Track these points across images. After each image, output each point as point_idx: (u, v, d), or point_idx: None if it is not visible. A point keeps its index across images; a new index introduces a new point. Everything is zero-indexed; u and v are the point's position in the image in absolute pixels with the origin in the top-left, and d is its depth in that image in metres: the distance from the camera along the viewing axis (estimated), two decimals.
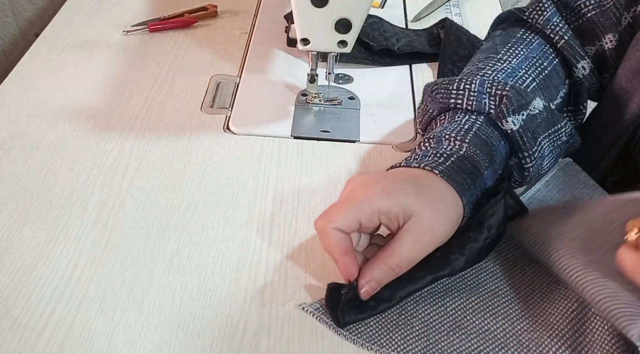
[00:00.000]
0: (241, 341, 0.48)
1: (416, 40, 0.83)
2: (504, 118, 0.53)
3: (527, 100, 0.54)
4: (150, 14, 0.87)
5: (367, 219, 0.46)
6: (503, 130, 0.53)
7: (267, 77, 0.77)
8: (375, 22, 0.83)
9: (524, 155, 0.53)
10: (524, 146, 0.53)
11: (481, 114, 0.55)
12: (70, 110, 0.70)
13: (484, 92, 0.55)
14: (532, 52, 0.60)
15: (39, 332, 0.48)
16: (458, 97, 0.56)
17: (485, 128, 0.54)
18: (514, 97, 0.54)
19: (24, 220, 0.57)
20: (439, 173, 0.49)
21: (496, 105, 0.54)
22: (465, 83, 0.56)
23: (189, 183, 0.61)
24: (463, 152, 0.52)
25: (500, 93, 0.54)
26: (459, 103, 0.56)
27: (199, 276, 0.52)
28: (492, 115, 0.54)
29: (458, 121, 0.55)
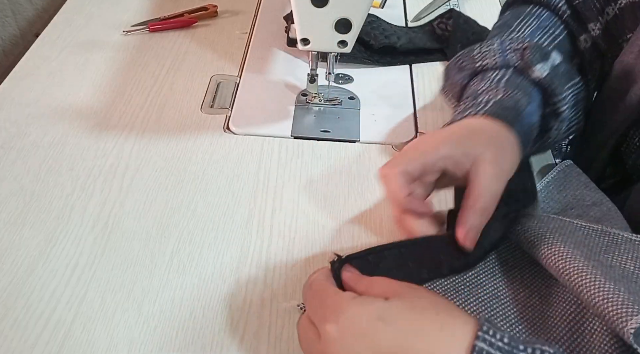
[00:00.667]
0: (241, 341, 0.48)
1: (416, 37, 0.83)
2: (532, 67, 0.54)
3: (547, 51, 0.56)
4: (150, 14, 0.87)
5: (431, 164, 0.47)
6: (532, 78, 0.55)
7: (267, 77, 0.77)
8: (374, 21, 0.83)
9: (558, 99, 0.54)
10: (556, 90, 0.54)
11: (509, 68, 0.56)
12: (70, 110, 0.70)
13: (505, 49, 0.57)
14: (543, 22, 0.61)
15: (39, 332, 0.48)
16: (483, 59, 0.57)
17: (515, 78, 0.55)
18: (535, 47, 0.55)
19: (24, 220, 0.57)
20: (484, 114, 0.51)
21: (521, 58, 0.55)
22: (485, 45, 0.58)
23: (189, 183, 0.61)
24: (500, 96, 0.53)
25: (521, 47, 0.56)
26: (485, 64, 0.57)
27: (199, 276, 0.52)
28: (519, 66, 0.55)
29: (488, 77, 0.56)
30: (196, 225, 0.57)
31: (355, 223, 0.58)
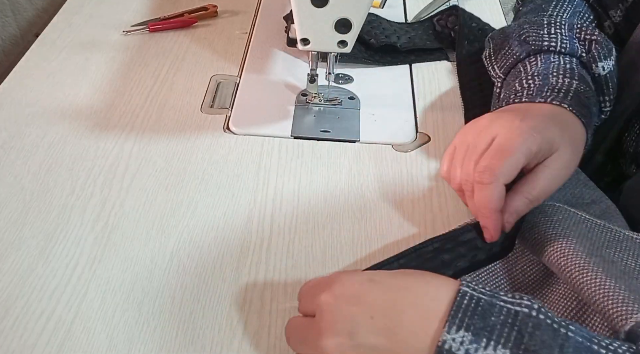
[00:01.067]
0: (241, 341, 0.48)
1: (416, 36, 0.83)
2: (594, 63, 0.55)
3: (611, 47, 0.56)
4: (150, 14, 0.87)
5: (526, 163, 0.47)
6: (592, 73, 0.55)
7: (267, 77, 0.77)
8: (374, 20, 0.83)
9: (606, 98, 0.55)
10: (608, 90, 0.55)
11: (574, 56, 0.56)
12: (70, 110, 0.70)
13: (574, 36, 0.57)
14: (577, 7, 0.62)
15: (39, 332, 0.48)
16: (551, 40, 0.57)
17: (582, 70, 0.55)
18: (604, 42, 0.56)
19: (24, 220, 0.57)
20: (569, 107, 0.50)
21: (587, 50, 0.56)
22: (556, 27, 0.57)
23: (189, 183, 0.61)
24: (574, 87, 0.53)
25: (589, 39, 0.56)
26: (552, 46, 0.57)
27: (199, 276, 0.52)
28: (584, 59, 0.56)
29: (555, 61, 0.56)
30: (196, 225, 0.57)
31: (355, 223, 0.58)
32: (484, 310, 0.36)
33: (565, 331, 0.35)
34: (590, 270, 0.44)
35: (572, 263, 0.45)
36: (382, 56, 0.80)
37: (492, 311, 0.36)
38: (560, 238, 0.47)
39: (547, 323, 0.35)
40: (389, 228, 0.57)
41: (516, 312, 0.36)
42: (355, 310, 0.38)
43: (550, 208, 0.51)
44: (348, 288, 0.40)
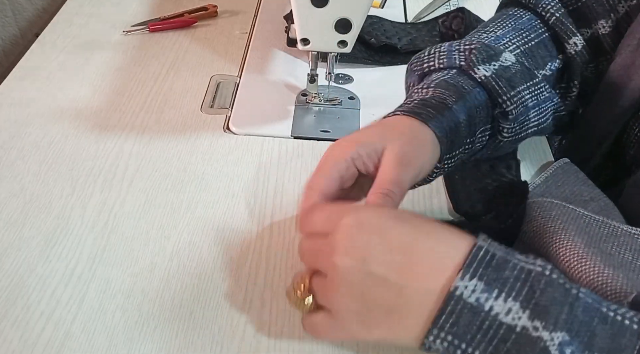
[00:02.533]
0: (241, 341, 0.48)
1: (418, 37, 0.83)
2: (475, 67, 0.54)
3: (497, 52, 0.55)
4: (150, 14, 0.87)
5: (345, 170, 0.47)
6: (476, 78, 0.54)
7: (267, 77, 0.77)
8: (376, 22, 0.84)
9: (503, 99, 0.53)
10: (501, 90, 0.53)
11: (452, 68, 0.56)
12: (70, 110, 0.70)
13: (452, 50, 0.57)
14: (520, 25, 0.61)
15: (39, 332, 0.48)
16: (430, 60, 0.57)
17: (456, 77, 0.55)
18: (482, 48, 0.55)
19: (24, 220, 0.57)
20: (400, 113, 0.51)
21: (465, 57, 0.55)
22: (436, 48, 0.58)
23: (189, 183, 0.61)
24: (429, 95, 0.53)
25: (468, 48, 0.56)
26: (431, 66, 0.57)
27: (198, 276, 0.52)
28: (463, 67, 0.55)
29: (430, 79, 0.56)
30: (196, 225, 0.57)
31: None
32: (498, 264, 0.37)
33: (576, 292, 0.36)
34: (589, 259, 0.44)
35: (571, 253, 0.46)
36: (382, 56, 0.80)
37: (506, 266, 0.37)
38: (558, 230, 0.48)
39: (559, 283, 0.36)
40: None
41: (529, 270, 0.36)
42: (376, 239, 0.39)
43: (548, 204, 0.51)
44: (374, 217, 0.40)
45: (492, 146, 0.57)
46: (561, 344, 0.34)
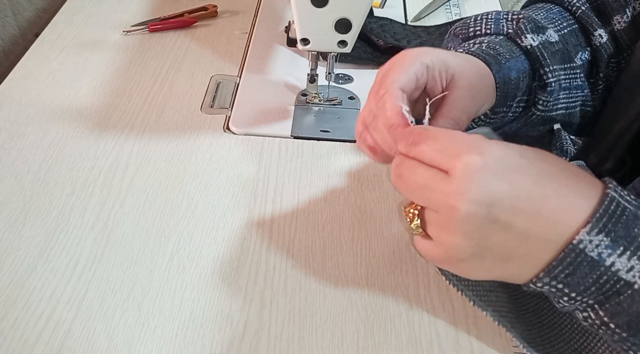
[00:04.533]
0: (241, 341, 0.48)
1: (428, 41, 0.83)
2: (522, 35, 0.54)
3: (543, 26, 0.56)
4: (150, 14, 0.87)
5: (420, 73, 0.46)
6: (522, 46, 0.54)
7: (267, 77, 0.77)
8: (386, 24, 0.84)
9: (545, 71, 0.54)
10: (544, 61, 0.54)
11: (500, 35, 0.56)
12: (70, 110, 0.70)
13: (500, 18, 0.57)
14: (552, 15, 0.62)
15: (39, 332, 0.48)
16: (476, 26, 0.57)
17: (504, 43, 0.55)
18: (531, 19, 0.56)
19: (24, 220, 0.57)
20: (463, 51, 0.52)
21: (513, 26, 0.55)
22: (482, 15, 0.58)
23: (189, 183, 0.61)
24: (483, 47, 0.53)
25: (516, 17, 0.56)
26: (477, 31, 0.57)
27: (199, 276, 0.52)
28: (511, 34, 0.55)
29: (479, 41, 0.56)
30: (196, 225, 0.57)
31: (355, 223, 0.58)
32: (628, 220, 0.36)
33: None
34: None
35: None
36: (388, 58, 0.80)
37: (636, 222, 0.35)
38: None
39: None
40: (389, 228, 0.57)
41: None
42: (503, 185, 0.36)
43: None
44: (500, 158, 0.37)
45: (523, 119, 0.57)
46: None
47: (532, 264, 0.37)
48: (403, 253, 0.55)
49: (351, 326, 0.49)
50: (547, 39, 0.56)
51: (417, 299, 0.51)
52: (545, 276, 0.36)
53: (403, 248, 0.55)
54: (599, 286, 0.36)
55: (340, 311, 0.50)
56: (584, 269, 0.35)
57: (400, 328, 0.49)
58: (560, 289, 0.37)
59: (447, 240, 0.38)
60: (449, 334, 0.49)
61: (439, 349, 0.48)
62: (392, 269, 0.54)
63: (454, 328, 0.49)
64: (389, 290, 0.52)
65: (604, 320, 0.37)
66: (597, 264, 0.35)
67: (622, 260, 0.35)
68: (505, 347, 0.48)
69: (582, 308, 0.37)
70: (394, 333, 0.49)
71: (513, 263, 0.37)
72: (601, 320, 0.37)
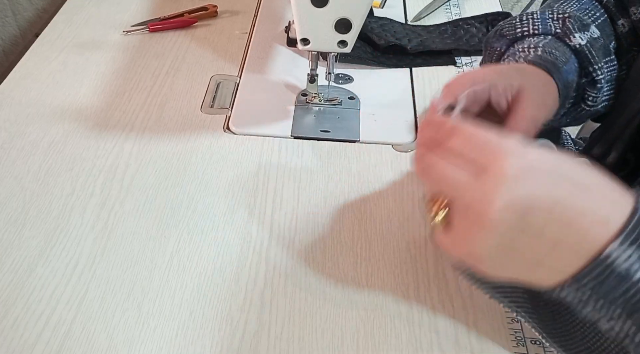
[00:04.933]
0: (241, 341, 0.48)
1: (428, 39, 0.83)
2: (571, 34, 0.56)
3: (587, 23, 0.57)
4: (150, 14, 0.87)
5: (480, 92, 0.47)
6: (571, 46, 0.56)
7: (267, 77, 0.77)
8: (386, 23, 0.84)
9: (594, 68, 0.55)
10: (593, 59, 0.55)
11: (548, 35, 0.57)
12: (70, 110, 0.70)
13: (546, 17, 0.58)
14: (584, 5, 0.62)
15: (39, 332, 0.48)
16: (524, 26, 0.58)
17: (554, 44, 0.56)
18: (576, 17, 0.57)
19: (24, 220, 0.57)
20: (525, 61, 0.53)
21: (561, 25, 0.57)
22: (527, 14, 0.59)
23: (189, 183, 0.61)
24: (539, 53, 0.54)
25: (562, 17, 0.57)
26: (525, 31, 0.58)
27: (199, 276, 0.52)
28: (560, 34, 0.56)
29: (528, 41, 0.57)
30: (196, 225, 0.57)
31: (355, 223, 0.58)
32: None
33: None
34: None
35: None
36: (389, 58, 0.80)
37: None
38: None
39: None
40: (389, 228, 0.57)
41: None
42: (540, 192, 0.35)
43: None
44: (541, 163, 0.36)
45: (572, 115, 0.58)
46: None
47: (559, 272, 0.37)
48: (403, 253, 0.55)
49: (351, 326, 0.49)
50: (592, 35, 0.57)
51: (417, 299, 0.51)
52: (571, 286, 0.36)
53: (403, 248, 0.55)
54: (626, 298, 0.35)
55: (340, 311, 0.50)
56: (612, 281, 0.35)
57: (400, 328, 0.49)
58: (585, 300, 0.36)
59: (476, 237, 0.37)
60: (449, 334, 0.49)
61: (439, 349, 0.48)
62: (392, 269, 0.54)
63: (454, 328, 0.49)
64: (389, 290, 0.52)
65: (629, 334, 0.37)
66: (625, 277, 0.35)
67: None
68: (505, 347, 0.48)
69: (606, 320, 0.37)
70: (394, 333, 0.49)
71: (540, 268, 0.37)
72: (626, 333, 0.37)
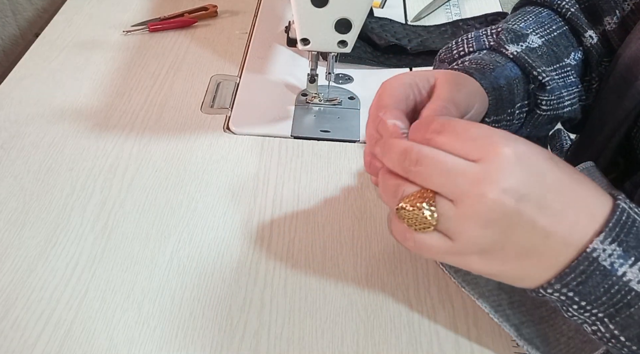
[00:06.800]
0: (241, 341, 0.48)
1: (428, 39, 0.83)
2: (505, 45, 0.55)
3: (523, 34, 0.57)
4: (150, 14, 0.87)
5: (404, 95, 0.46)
6: (507, 54, 0.55)
7: (267, 77, 0.77)
8: (386, 24, 0.84)
9: (538, 71, 0.54)
10: (534, 63, 0.55)
11: (482, 50, 0.57)
12: (70, 110, 0.70)
13: (480, 35, 0.58)
14: (541, 19, 0.62)
15: (39, 332, 0.48)
16: (459, 47, 0.58)
17: (487, 55, 0.56)
18: (509, 30, 0.57)
19: (24, 220, 0.57)
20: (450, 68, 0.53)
21: (494, 39, 0.57)
22: (463, 37, 0.59)
23: (189, 183, 0.61)
24: (466, 64, 0.54)
25: (495, 31, 0.57)
26: (461, 51, 0.58)
27: (199, 276, 0.52)
28: (493, 46, 0.56)
29: (462, 61, 0.57)
30: (196, 225, 0.57)
31: (355, 223, 0.58)
32: (639, 231, 0.36)
33: None
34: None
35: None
36: (389, 58, 0.80)
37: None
38: None
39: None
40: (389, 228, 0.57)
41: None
42: (535, 178, 0.36)
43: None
44: (533, 153, 0.37)
45: (531, 123, 0.57)
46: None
47: (547, 266, 0.37)
48: (403, 253, 0.55)
49: (351, 326, 0.49)
50: (529, 45, 0.56)
51: (417, 299, 0.51)
52: (556, 283, 0.36)
53: (403, 248, 0.55)
54: (610, 296, 0.36)
55: (340, 311, 0.50)
56: (596, 278, 0.35)
57: (400, 328, 0.49)
58: (570, 297, 0.37)
59: (463, 231, 0.37)
60: (449, 334, 0.49)
61: (439, 349, 0.48)
62: (392, 269, 0.54)
63: (454, 328, 0.49)
64: (389, 290, 0.52)
65: (614, 333, 0.37)
66: (609, 273, 0.35)
67: (634, 270, 0.35)
68: (505, 347, 0.48)
69: (591, 321, 0.37)
70: (394, 333, 0.49)
71: (529, 261, 0.37)
72: (611, 333, 0.37)
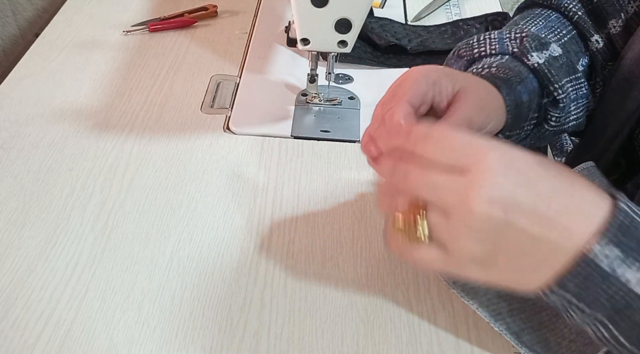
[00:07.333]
0: (241, 341, 0.48)
1: (428, 39, 0.83)
2: (528, 54, 0.55)
3: (547, 41, 0.56)
4: (150, 14, 0.87)
5: (425, 92, 0.46)
6: (529, 65, 0.55)
7: (267, 77, 0.77)
8: (386, 24, 0.84)
9: (555, 87, 0.54)
10: (553, 78, 0.54)
11: (505, 54, 0.57)
12: (70, 110, 0.70)
13: (503, 37, 0.57)
14: (551, 22, 0.62)
15: (39, 332, 0.48)
16: (480, 46, 0.58)
17: (511, 63, 0.55)
18: (534, 36, 0.56)
19: (24, 220, 0.57)
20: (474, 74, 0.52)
21: (518, 45, 0.56)
22: (485, 35, 0.58)
23: (189, 183, 0.61)
24: (493, 71, 0.54)
25: (520, 36, 0.56)
26: (482, 51, 0.57)
27: (199, 276, 0.52)
28: (517, 53, 0.56)
29: (484, 62, 0.57)
30: (196, 225, 0.57)
31: (355, 223, 0.58)
32: (639, 232, 0.35)
33: None
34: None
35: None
36: (388, 58, 0.80)
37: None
38: None
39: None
40: None
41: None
42: (524, 187, 0.35)
43: None
44: (521, 160, 0.36)
45: (536, 136, 0.57)
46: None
47: (543, 272, 0.37)
48: None
49: (351, 326, 0.49)
50: (551, 54, 0.56)
51: (417, 299, 0.51)
52: (556, 286, 0.36)
53: None
54: (609, 298, 0.35)
55: (340, 311, 0.50)
56: (595, 280, 0.35)
57: (400, 328, 0.49)
58: (569, 300, 0.36)
59: (457, 243, 0.37)
60: (449, 334, 0.49)
61: (439, 349, 0.48)
62: (392, 269, 0.54)
63: (454, 328, 0.49)
64: (389, 290, 0.52)
65: (616, 335, 0.37)
66: (608, 276, 0.35)
67: (634, 272, 0.35)
68: (505, 348, 0.48)
69: (592, 324, 0.37)
70: (394, 333, 0.49)
71: (525, 269, 0.37)
72: (612, 335, 0.37)
